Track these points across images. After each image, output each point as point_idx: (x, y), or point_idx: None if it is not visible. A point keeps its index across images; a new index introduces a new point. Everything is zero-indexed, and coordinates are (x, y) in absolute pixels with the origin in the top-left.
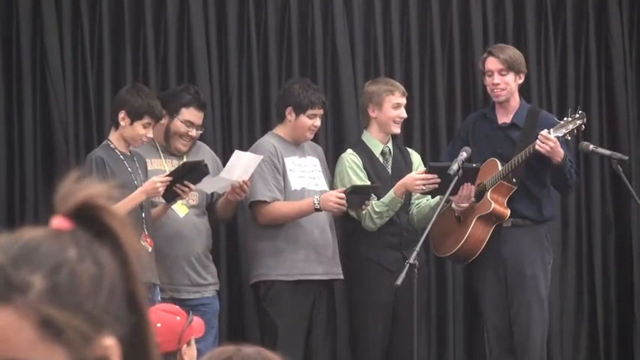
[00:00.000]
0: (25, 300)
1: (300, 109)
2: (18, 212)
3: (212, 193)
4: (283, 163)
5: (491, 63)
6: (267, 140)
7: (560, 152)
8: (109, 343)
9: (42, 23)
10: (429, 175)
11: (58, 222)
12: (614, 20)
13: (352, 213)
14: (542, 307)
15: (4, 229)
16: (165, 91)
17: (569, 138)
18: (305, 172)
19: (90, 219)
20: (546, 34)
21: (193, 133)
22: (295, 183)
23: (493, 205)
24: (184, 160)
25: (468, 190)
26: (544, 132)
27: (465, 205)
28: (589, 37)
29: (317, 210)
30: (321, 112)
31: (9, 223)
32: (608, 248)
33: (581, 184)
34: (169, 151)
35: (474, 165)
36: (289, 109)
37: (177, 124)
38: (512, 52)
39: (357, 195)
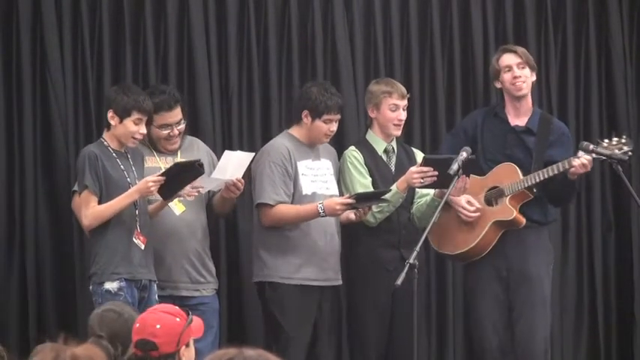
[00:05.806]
0: None
1: (316, 114)
2: (18, 212)
3: (208, 191)
4: (296, 167)
5: (509, 58)
6: (281, 142)
7: None
8: None
9: (42, 23)
10: (425, 168)
11: None
12: (614, 20)
13: None
14: (545, 308)
15: (4, 228)
16: None
17: (604, 159)
18: (317, 176)
19: None
20: (546, 34)
21: (175, 131)
22: (307, 187)
23: (515, 213)
24: (178, 156)
25: (463, 182)
26: (585, 160)
27: (466, 207)
28: (589, 37)
29: (321, 216)
30: (337, 116)
31: (9, 223)
32: (608, 248)
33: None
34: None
35: (469, 157)
36: (306, 112)
37: (156, 131)
38: (524, 50)
39: (364, 202)
